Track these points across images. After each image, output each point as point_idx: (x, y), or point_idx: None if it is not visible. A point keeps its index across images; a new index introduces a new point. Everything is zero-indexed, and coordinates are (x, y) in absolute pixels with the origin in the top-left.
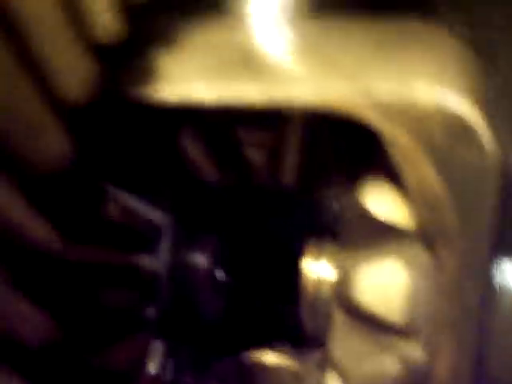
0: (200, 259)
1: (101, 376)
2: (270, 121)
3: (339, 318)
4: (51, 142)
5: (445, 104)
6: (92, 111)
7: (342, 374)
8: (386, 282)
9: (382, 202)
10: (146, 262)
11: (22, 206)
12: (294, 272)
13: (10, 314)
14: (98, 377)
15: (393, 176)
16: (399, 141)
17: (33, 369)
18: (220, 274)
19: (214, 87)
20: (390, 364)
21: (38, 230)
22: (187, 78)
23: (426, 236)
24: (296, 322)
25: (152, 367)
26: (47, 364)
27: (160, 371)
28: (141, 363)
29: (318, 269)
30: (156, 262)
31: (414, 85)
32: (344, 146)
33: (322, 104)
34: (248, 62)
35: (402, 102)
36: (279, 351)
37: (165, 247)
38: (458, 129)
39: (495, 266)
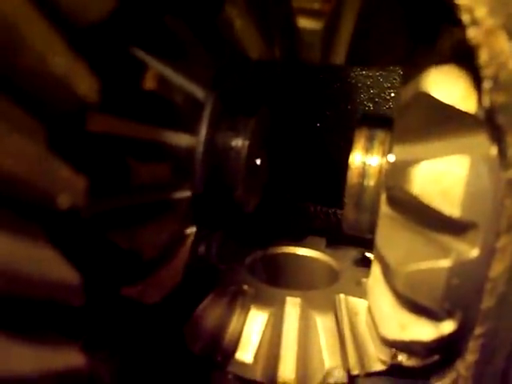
0: (239, 142)
1: (128, 257)
2: None
3: (387, 213)
4: None
5: None
6: None
7: (389, 272)
8: (445, 171)
9: (446, 89)
10: (182, 138)
11: (67, 53)
12: (334, 168)
13: (43, 171)
14: (126, 257)
15: (459, 56)
16: (476, 13)
17: (60, 235)
18: (258, 160)
19: None
20: (441, 263)
21: (81, 80)
22: None
23: (495, 124)
24: (332, 224)
25: (183, 251)
26: (74, 236)
27: (191, 256)
28: (171, 247)
29: (366, 160)
30: (193, 139)
31: None
32: (405, 23)
33: None
34: None
35: None
36: (314, 246)
37: (203, 125)
38: None
39: None
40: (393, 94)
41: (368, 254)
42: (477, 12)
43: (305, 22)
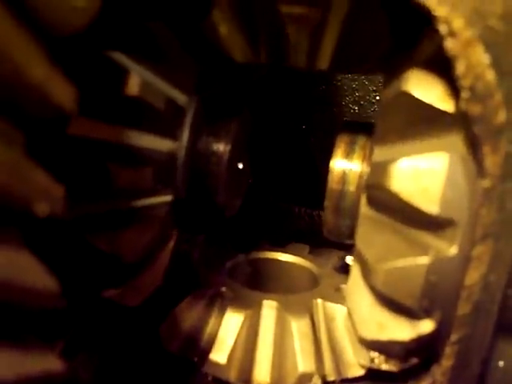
0: (220, 146)
1: (109, 260)
2: None
3: (367, 214)
4: None
5: None
6: None
7: (368, 270)
8: (424, 168)
9: (426, 88)
10: (164, 143)
11: (45, 63)
12: (319, 170)
13: (21, 178)
14: (107, 261)
15: (438, 61)
16: (453, 25)
17: (39, 241)
18: (240, 164)
19: None
20: (420, 260)
21: (58, 89)
22: None
23: (472, 132)
24: (316, 226)
25: (164, 255)
26: (54, 238)
27: (172, 251)
28: (152, 251)
29: (346, 166)
30: (174, 144)
31: None
32: (388, 29)
33: None
34: None
35: None
36: (295, 252)
37: (185, 130)
38: None
39: None
40: (378, 97)
41: (349, 260)
42: (454, 23)
43: (293, 28)
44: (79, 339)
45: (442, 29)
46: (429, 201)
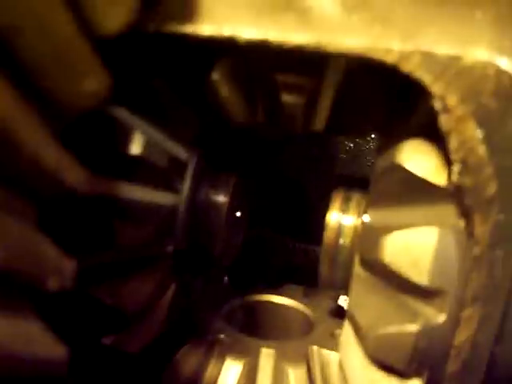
0: (221, 198)
1: (114, 314)
2: (309, 66)
3: (360, 274)
4: (88, 75)
5: (502, 70)
6: (125, 44)
7: (359, 333)
8: (415, 242)
9: (419, 161)
10: (167, 198)
11: (56, 149)
12: (316, 222)
13: (33, 255)
14: (112, 315)
15: (433, 136)
16: (448, 101)
17: (49, 311)
18: (239, 214)
19: (262, 27)
20: (409, 327)
21: (71, 173)
22: (232, 16)
23: (463, 202)
24: (311, 271)
25: (164, 303)
26: (63, 306)
27: (172, 308)
28: (153, 300)
29: (342, 220)
30: (175, 198)
31: (472, 49)
32: (382, 100)
33: (374, 57)
34: (295, 6)
35: (458, 64)
36: (290, 295)
37: (186, 184)
38: None
39: None
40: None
41: (341, 302)
42: (448, 100)
43: (288, 97)
44: None
45: (437, 105)
46: (419, 273)
